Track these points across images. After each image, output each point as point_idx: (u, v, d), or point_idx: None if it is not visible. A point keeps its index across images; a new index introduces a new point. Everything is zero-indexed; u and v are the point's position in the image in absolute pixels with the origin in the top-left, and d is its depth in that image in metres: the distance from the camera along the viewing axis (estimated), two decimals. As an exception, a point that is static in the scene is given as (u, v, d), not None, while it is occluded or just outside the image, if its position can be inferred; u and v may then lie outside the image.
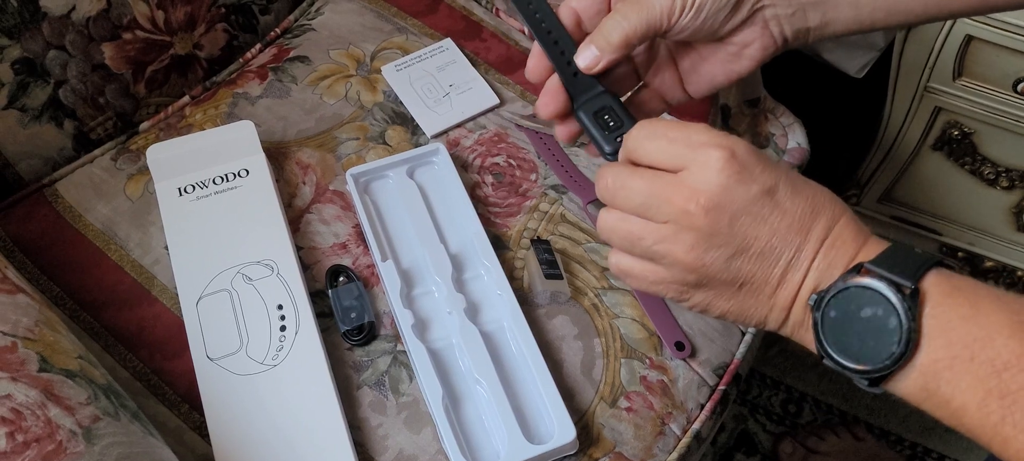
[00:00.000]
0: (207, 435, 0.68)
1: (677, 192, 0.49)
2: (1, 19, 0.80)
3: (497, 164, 0.87)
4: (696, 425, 0.74)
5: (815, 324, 0.48)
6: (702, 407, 0.75)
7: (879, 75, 1.13)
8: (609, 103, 0.57)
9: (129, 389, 0.71)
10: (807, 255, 0.48)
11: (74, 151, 0.88)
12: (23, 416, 0.52)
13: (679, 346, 0.76)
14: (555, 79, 0.58)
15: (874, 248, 0.48)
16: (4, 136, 0.83)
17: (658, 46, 0.62)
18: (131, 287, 0.78)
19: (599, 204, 0.83)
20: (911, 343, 0.44)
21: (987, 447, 0.44)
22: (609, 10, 0.58)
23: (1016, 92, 1.01)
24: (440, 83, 0.91)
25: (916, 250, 0.46)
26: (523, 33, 0.99)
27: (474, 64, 0.94)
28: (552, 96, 0.58)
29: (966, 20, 0.97)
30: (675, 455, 0.72)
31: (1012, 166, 1.12)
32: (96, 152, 0.88)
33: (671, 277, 0.51)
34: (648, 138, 0.51)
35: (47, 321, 0.62)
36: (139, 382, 0.73)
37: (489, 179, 0.85)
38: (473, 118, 0.90)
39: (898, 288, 0.45)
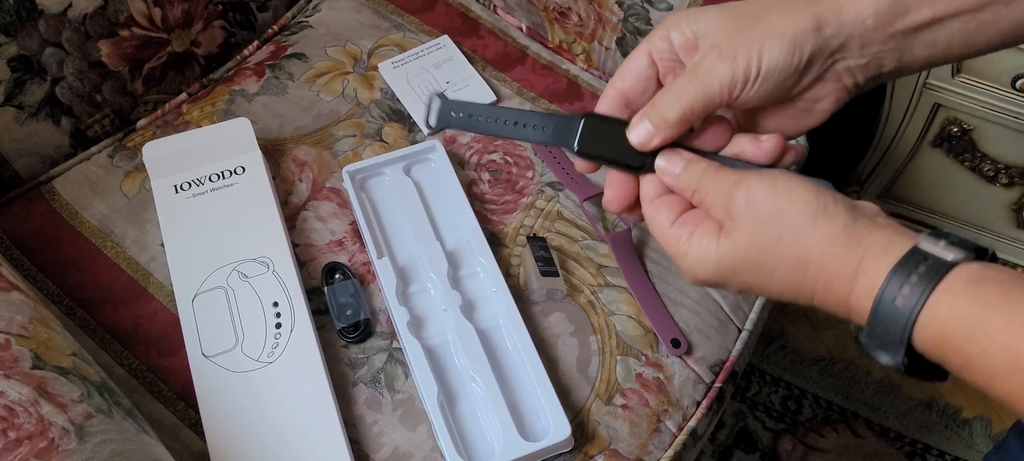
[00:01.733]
0: (202, 432, 0.68)
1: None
2: (-3, 16, 0.80)
3: (494, 161, 0.86)
4: (692, 422, 0.74)
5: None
6: (698, 404, 0.75)
7: (878, 72, 1.13)
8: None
9: (125, 386, 0.72)
10: (816, 301, 0.48)
11: (71, 148, 0.88)
12: (15, 413, 0.52)
13: (675, 343, 0.76)
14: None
15: (859, 311, 0.45)
16: (1, 133, 0.83)
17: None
18: (127, 284, 0.78)
19: (595, 201, 0.83)
20: (935, 374, 0.44)
21: None
22: (657, 86, 0.54)
23: (1015, 89, 1.01)
24: (437, 80, 0.91)
25: (896, 301, 0.42)
26: (520, 30, 0.99)
27: (471, 61, 0.94)
28: (619, 190, 0.55)
29: (965, 16, 0.96)
30: (671, 452, 0.72)
31: (1011, 163, 1.12)
32: (93, 149, 0.88)
33: None
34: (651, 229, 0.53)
35: (41, 318, 0.62)
36: (135, 379, 0.73)
37: (486, 176, 0.85)
38: (470, 115, 0.90)
39: (892, 358, 0.44)
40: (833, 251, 0.45)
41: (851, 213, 0.46)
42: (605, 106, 0.55)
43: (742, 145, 0.51)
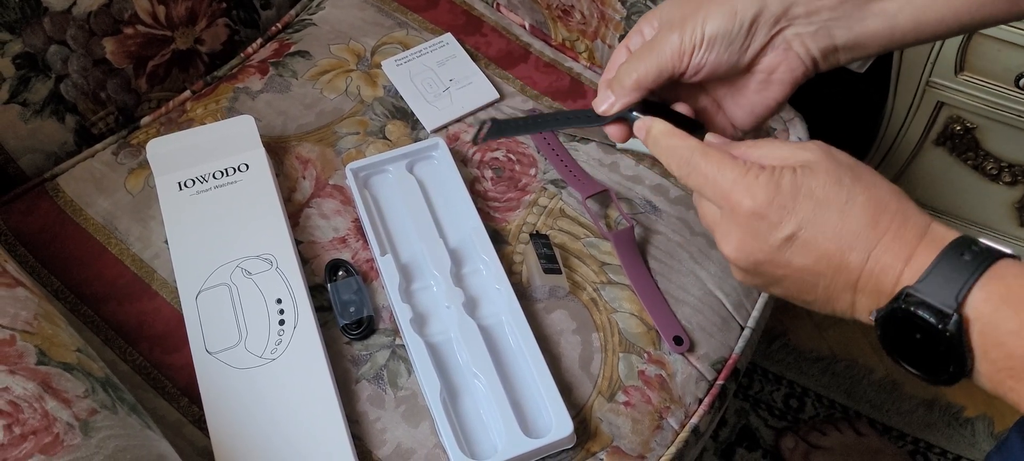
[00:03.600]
0: (206, 428, 0.68)
1: (719, 234, 0.53)
2: (2, 14, 0.80)
3: (496, 159, 0.87)
4: (694, 420, 0.74)
5: (879, 336, 0.48)
6: (700, 402, 0.75)
7: (881, 70, 1.13)
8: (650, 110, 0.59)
9: (129, 383, 0.72)
10: (845, 283, 0.48)
11: (75, 146, 0.89)
12: (20, 408, 0.53)
13: (677, 341, 0.76)
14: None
15: (921, 260, 0.46)
16: (6, 131, 0.83)
17: (697, 94, 0.62)
18: (131, 281, 0.78)
19: (597, 199, 0.83)
20: (964, 360, 0.44)
21: None
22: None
23: (1018, 87, 1.01)
24: (440, 78, 0.92)
25: (965, 256, 0.45)
26: (523, 27, 0.99)
27: (474, 59, 0.94)
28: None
29: (968, 14, 0.96)
30: (673, 449, 0.72)
31: (1015, 161, 1.12)
32: (97, 147, 0.88)
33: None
34: (689, 177, 0.53)
35: (46, 314, 0.62)
36: (139, 376, 0.73)
37: (488, 174, 0.86)
38: (473, 113, 0.90)
39: (940, 314, 0.44)
40: (888, 233, 0.47)
41: None
42: (615, 63, 0.60)
43: None
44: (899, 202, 0.48)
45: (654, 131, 0.56)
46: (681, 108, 0.60)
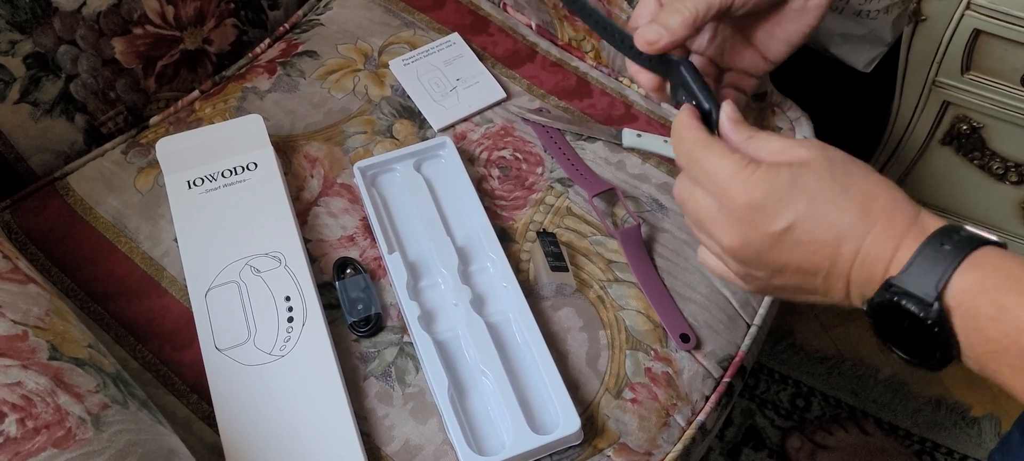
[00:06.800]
0: (215, 425, 0.69)
1: (714, 227, 0.54)
2: (13, 14, 0.81)
3: (503, 157, 0.87)
4: (701, 417, 0.74)
5: (872, 326, 0.50)
6: (707, 399, 0.75)
7: (887, 70, 1.13)
8: (684, 79, 0.59)
9: (139, 379, 0.72)
10: (840, 273, 0.50)
11: (85, 145, 0.89)
12: (33, 403, 0.53)
13: (684, 338, 0.76)
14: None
15: (906, 251, 0.48)
16: (16, 130, 0.84)
17: (726, 31, 0.63)
18: (141, 279, 0.78)
19: (604, 197, 0.84)
20: (948, 345, 0.46)
21: None
22: None
23: (1024, 86, 1.01)
24: (447, 77, 0.92)
25: (945, 246, 0.46)
26: (530, 27, 0.99)
27: (481, 58, 0.95)
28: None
29: (974, 14, 0.96)
30: (680, 446, 0.73)
31: (1021, 160, 1.12)
32: (107, 146, 0.88)
33: (735, 278, 0.57)
34: (689, 168, 0.55)
35: (57, 311, 0.63)
36: (148, 372, 0.73)
37: (495, 172, 0.86)
38: (480, 112, 0.90)
39: (922, 303, 0.46)
40: (875, 227, 0.49)
41: None
42: (644, 11, 0.61)
43: None
44: (889, 193, 0.50)
45: (678, 118, 0.57)
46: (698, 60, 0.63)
